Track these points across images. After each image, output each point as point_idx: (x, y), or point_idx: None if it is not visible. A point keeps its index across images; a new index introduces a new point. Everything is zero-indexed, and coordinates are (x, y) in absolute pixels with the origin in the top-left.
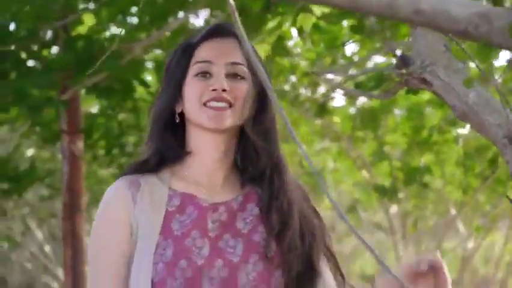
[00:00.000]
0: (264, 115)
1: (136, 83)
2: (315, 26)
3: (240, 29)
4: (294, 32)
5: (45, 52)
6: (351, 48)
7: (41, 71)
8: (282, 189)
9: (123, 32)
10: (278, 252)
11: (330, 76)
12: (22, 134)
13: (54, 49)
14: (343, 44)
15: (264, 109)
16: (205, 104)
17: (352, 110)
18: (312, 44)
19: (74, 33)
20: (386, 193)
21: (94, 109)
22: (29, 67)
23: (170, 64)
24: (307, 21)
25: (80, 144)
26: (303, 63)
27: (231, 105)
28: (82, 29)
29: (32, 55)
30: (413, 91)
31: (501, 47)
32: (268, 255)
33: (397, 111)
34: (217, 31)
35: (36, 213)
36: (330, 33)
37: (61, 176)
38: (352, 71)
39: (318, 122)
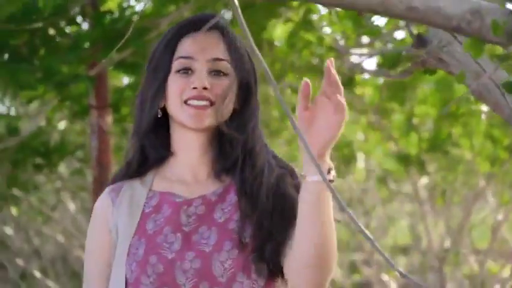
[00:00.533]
0: (244, 110)
1: None
2: None
3: (242, 24)
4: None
5: (73, 28)
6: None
7: (69, 47)
8: (252, 175)
9: (150, 6)
10: (252, 236)
11: (354, 52)
12: (52, 108)
13: (82, 25)
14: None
15: (245, 104)
16: (186, 102)
17: (380, 81)
18: (338, 18)
19: (101, 9)
20: (412, 163)
21: (122, 83)
22: (57, 43)
23: (154, 57)
24: None
25: (108, 119)
26: (329, 38)
27: (212, 103)
28: (109, 5)
29: (60, 32)
30: (430, 71)
31: (492, 42)
32: (243, 241)
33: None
34: (200, 24)
35: (69, 186)
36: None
37: (90, 150)
38: (374, 49)
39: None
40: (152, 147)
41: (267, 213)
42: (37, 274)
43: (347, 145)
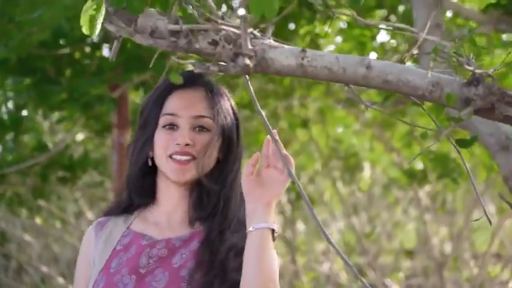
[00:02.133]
0: (226, 162)
1: None
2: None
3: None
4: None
5: (97, 53)
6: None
7: (93, 70)
8: (220, 226)
9: None
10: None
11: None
12: (71, 122)
13: (105, 50)
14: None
15: (227, 155)
16: (170, 156)
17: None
18: (344, 40)
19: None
20: (415, 177)
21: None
22: (83, 66)
23: (144, 111)
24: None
25: (128, 136)
26: None
27: (194, 158)
28: None
29: (85, 56)
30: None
31: (450, 107)
32: None
33: None
34: (187, 80)
35: (88, 196)
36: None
37: (111, 164)
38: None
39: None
40: (138, 194)
41: (222, 263)
42: (57, 278)
43: (354, 155)
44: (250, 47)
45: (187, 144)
